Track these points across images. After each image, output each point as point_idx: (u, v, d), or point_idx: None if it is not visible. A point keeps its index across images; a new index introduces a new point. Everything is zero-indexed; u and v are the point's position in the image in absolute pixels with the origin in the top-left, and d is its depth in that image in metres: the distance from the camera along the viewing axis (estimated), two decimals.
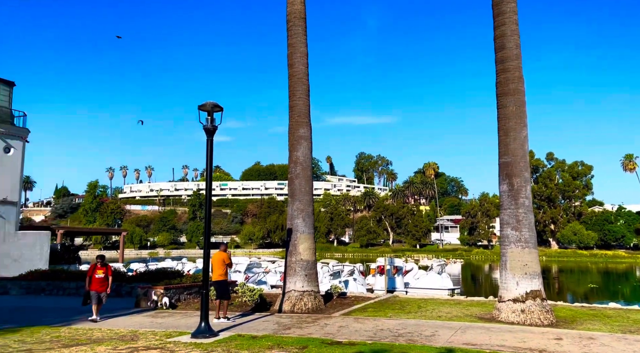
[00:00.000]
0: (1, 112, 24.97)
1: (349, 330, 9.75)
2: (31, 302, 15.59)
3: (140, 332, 9.73)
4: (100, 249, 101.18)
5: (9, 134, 24.97)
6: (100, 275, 11.66)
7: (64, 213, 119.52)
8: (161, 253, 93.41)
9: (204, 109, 10.21)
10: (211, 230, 13.84)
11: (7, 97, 25.52)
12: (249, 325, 10.62)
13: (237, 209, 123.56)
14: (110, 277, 11.83)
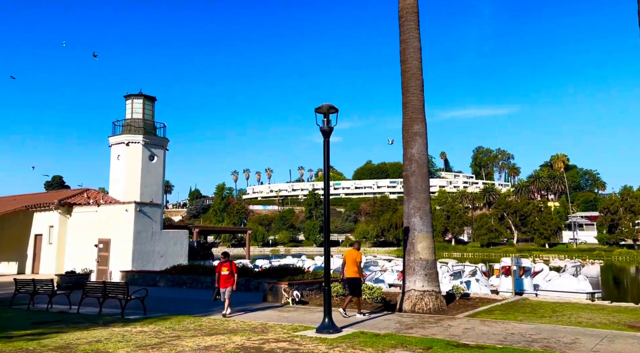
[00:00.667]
0: (146, 124, 28.41)
1: (475, 333, 9.32)
2: (175, 294, 17.50)
3: (269, 325, 10.37)
4: (228, 246, 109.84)
5: (152, 144, 28.32)
6: (225, 272, 11.86)
7: (197, 213, 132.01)
8: (282, 251, 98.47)
9: (321, 112, 10.52)
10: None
11: (151, 111, 28.99)
12: (371, 323, 10.70)
13: (350, 208, 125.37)
14: (235, 274, 11.97)
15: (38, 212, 27.99)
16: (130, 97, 28.70)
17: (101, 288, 12.87)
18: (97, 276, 23.87)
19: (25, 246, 28.43)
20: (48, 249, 27.18)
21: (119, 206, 25.45)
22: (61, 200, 27.08)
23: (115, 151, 28.44)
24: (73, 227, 26.92)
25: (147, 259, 24.73)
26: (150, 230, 25.15)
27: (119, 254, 24.41)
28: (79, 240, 26.31)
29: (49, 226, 27.33)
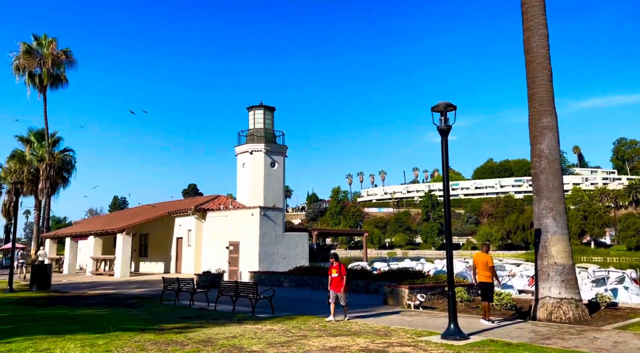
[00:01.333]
0: (267, 133, 30.21)
1: (628, 347, 8.22)
2: (299, 294, 18.24)
3: (392, 329, 10.27)
4: (345, 248, 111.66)
5: (273, 152, 30.02)
6: (334, 275, 11.50)
7: (315, 216, 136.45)
8: (399, 253, 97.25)
9: (437, 110, 10.19)
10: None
11: (271, 120, 30.80)
12: (501, 331, 10.03)
13: (470, 209, 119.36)
14: (344, 277, 11.50)
15: (178, 217, 31.27)
16: (252, 108, 30.75)
17: (234, 288, 13.92)
18: (229, 276, 25.89)
19: (169, 248, 31.93)
20: (187, 250, 30.20)
21: (246, 210, 27.34)
22: (197, 206, 29.92)
23: (241, 160, 30.67)
24: (207, 231, 29.55)
25: (272, 260, 26.19)
26: (274, 232, 26.59)
27: (247, 255, 26.20)
28: (212, 243, 28.82)
29: (188, 230, 30.36)
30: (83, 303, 15.00)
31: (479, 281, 11.56)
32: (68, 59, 40.44)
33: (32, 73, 39.35)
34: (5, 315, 11.60)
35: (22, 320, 10.50)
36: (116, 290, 20.27)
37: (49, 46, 39.69)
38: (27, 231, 78.33)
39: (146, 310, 13.18)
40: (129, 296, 17.53)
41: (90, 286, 22.60)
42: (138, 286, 22.07)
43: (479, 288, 11.93)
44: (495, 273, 11.67)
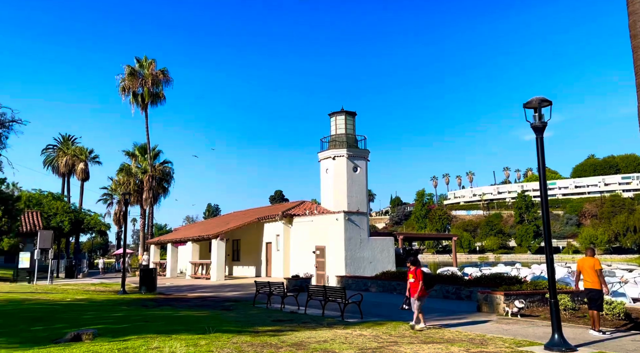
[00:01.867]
0: (348, 138, 30.40)
1: None
2: (387, 299, 18.04)
3: (488, 337, 9.79)
4: (433, 253, 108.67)
5: (355, 156, 30.11)
6: (411, 280, 11.12)
7: (399, 220, 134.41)
8: (491, 258, 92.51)
9: (530, 106, 9.60)
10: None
11: (352, 125, 30.96)
12: (614, 343, 9.15)
13: (570, 210, 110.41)
14: (421, 281, 10.97)
15: (267, 223, 32.47)
16: (334, 114, 31.13)
17: (322, 292, 14.13)
18: (316, 280, 26.34)
19: (259, 252, 33.25)
20: (276, 255, 31.23)
21: (330, 215, 27.68)
22: (283, 212, 30.87)
23: (324, 165, 31.14)
24: (294, 235, 30.35)
25: (358, 265, 26.20)
26: (359, 237, 26.61)
27: (334, 260, 26.48)
28: (299, 247, 29.52)
29: (276, 235, 31.40)
30: (185, 305, 16.10)
31: (585, 288, 10.64)
32: (165, 78, 43.94)
33: (135, 93, 43.30)
34: (120, 315, 12.80)
35: (135, 320, 11.51)
36: (213, 293, 21.48)
37: (149, 66, 43.44)
38: (135, 238, 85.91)
39: (241, 313, 13.81)
40: (225, 299, 18.49)
41: (190, 289, 24.19)
42: (232, 290, 23.22)
43: (585, 295, 11.02)
44: (603, 279, 10.66)
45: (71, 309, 13.63)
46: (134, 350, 7.24)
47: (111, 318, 12.05)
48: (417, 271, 11.08)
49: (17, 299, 15.57)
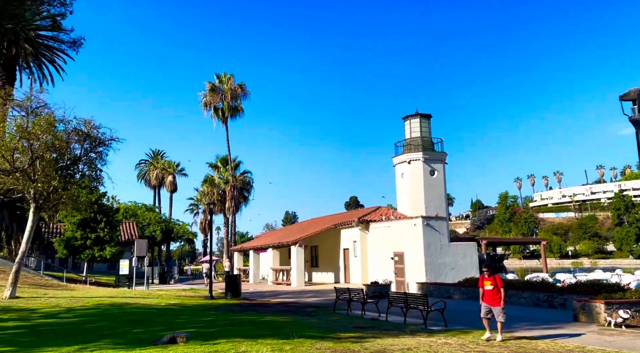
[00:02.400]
0: (424, 141, 29.79)
1: None
2: (471, 307, 17.30)
3: (589, 349, 9.07)
4: (519, 258, 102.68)
5: (431, 160, 29.42)
6: (488, 287, 10.43)
7: (481, 224, 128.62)
8: (586, 263, 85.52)
9: (628, 98, 8.81)
10: None
11: (427, 128, 30.33)
12: None
13: None
14: (501, 289, 10.32)
15: (343, 229, 32.62)
16: (408, 118, 30.68)
17: (403, 299, 13.90)
18: (396, 286, 25.95)
19: (337, 258, 33.45)
20: (354, 261, 31.24)
21: (408, 221, 27.19)
22: (360, 218, 30.84)
23: (399, 170, 30.73)
24: (371, 241, 30.18)
25: (439, 271, 25.45)
26: (439, 242, 25.86)
27: (413, 266, 25.95)
28: (377, 253, 29.29)
29: (353, 241, 31.43)
30: (268, 310, 16.60)
31: None
32: (243, 92, 46.00)
33: (216, 107, 45.72)
34: (209, 319, 13.48)
35: (223, 324, 12.08)
36: (294, 299, 21.94)
37: (228, 81, 45.73)
38: (219, 245, 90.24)
39: (322, 319, 13.96)
40: (306, 305, 18.80)
41: (272, 294, 24.91)
42: (312, 296, 23.55)
43: None
44: None
45: (166, 313, 14.60)
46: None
47: (201, 322, 12.73)
48: (496, 278, 10.48)
49: (120, 303, 16.97)
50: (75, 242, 31.75)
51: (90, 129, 18.25)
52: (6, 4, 9.18)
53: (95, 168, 19.07)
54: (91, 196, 21.92)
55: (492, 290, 10.37)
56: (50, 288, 22.74)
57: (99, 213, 31.51)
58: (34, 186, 17.09)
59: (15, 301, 15.84)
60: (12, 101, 18.36)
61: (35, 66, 30.72)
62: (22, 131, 16.67)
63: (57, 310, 14.14)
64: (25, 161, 17.08)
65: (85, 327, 10.92)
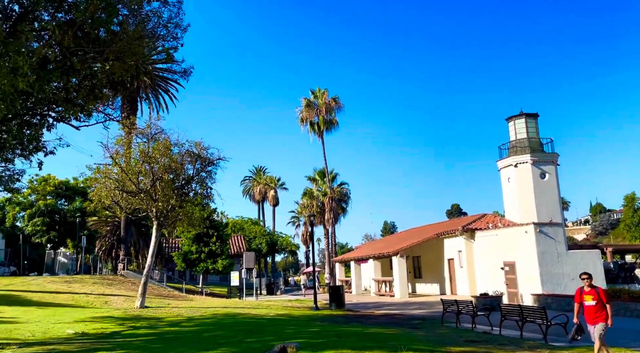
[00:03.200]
0: (531, 142, 27.77)
1: None
2: None
3: None
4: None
5: (541, 162, 27.29)
6: (590, 302, 8.60)
7: (604, 230, 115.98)
8: None
9: None
10: None
11: (534, 128, 28.25)
12: None
13: None
14: (607, 304, 8.55)
15: (447, 238, 31.43)
16: (512, 118, 28.87)
17: (518, 312, 12.98)
18: (508, 298, 24.31)
19: (442, 269, 32.27)
20: (460, 272, 29.89)
21: (517, 228, 25.42)
22: (464, 226, 29.50)
23: (505, 174, 28.93)
24: (478, 251, 28.66)
25: (557, 282, 23.37)
26: (555, 251, 23.80)
27: (526, 277, 24.13)
28: (485, 263, 27.73)
29: (458, 251, 30.12)
30: (373, 322, 16.49)
31: None
32: (337, 105, 46.90)
33: (312, 122, 47.07)
34: (316, 330, 13.75)
35: (329, 335, 12.23)
36: (398, 311, 21.56)
37: (322, 96, 46.94)
38: (320, 257, 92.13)
39: (430, 332, 13.52)
40: (411, 317, 18.37)
41: (375, 306, 24.72)
42: (417, 308, 22.95)
43: None
44: None
45: (275, 323, 15.17)
46: None
47: (308, 332, 13.02)
48: (599, 291, 8.63)
49: (233, 313, 18.00)
50: (191, 256, 34.46)
51: (200, 151, 19.81)
52: (129, 43, 10.36)
53: (206, 186, 20.61)
54: (203, 213, 23.67)
55: (595, 306, 8.52)
56: (172, 298, 24.84)
57: (210, 228, 33.91)
58: (156, 205, 18.91)
59: (145, 310, 17.53)
60: (136, 130, 20.59)
61: (153, 96, 34.29)
62: (144, 155, 18.61)
63: (179, 319, 15.39)
64: (147, 182, 18.99)
65: (204, 336, 11.73)
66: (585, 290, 8.73)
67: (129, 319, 14.65)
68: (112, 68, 11.32)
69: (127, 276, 31.46)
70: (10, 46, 8.10)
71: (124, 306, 18.78)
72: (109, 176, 19.24)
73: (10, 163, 11.76)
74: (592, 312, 8.55)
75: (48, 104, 11.10)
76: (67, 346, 9.26)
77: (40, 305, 17.55)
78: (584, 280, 8.79)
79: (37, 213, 46.02)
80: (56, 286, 23.19)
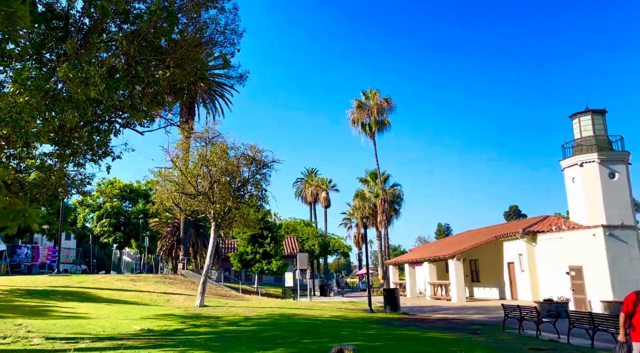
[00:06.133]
0: (598, 140, 26.17)
1: None
2: None
3: None
4: None
5: (609, 160, 25.65)
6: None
7: None
8: None
9: None
10: None
11: (602, 125, 26.60)
12: None
13: None
14: None
15: (506, 241, 30.21)
16: (576, 115, 27.34)
17: (588, 319, 12.23)
18: (574, 304, 23.01)
19: (501, 273, 31.04)
20: (521, 276, 28.61)
21: (584, 231, 24.01)
22: (525, 229, 28.24)
23: (569, 174, 27.45)
24: (540, 254, 27.34)
25: (629, 288, 21.57)
26: (628, 255, 22.26)
27: (594, 282, 22.73)
28: (548, 267, 26.40)
29: (518, 254, 28.87)
30: (430, 326, 16.10)
31: None
32: (389, 106, 46.40)
33: (364, 123, 46.85)
34: (372, 333, 13.61)
35: (386, 338, 12.07)
36: (456, 315, 20.94)
37: (374, 97, 46.61)
38: (372, 259, 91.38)
39: (491, 338, 13.01)
40: (470, 322, 17.78)
41: (431, 310, 24.16)
42: (476, 312, 22.20)
43: None
44: None
45: (330, 325, 15.17)
46: None
47: (365, 335, 12.90)
48: None
49: (288, 314, 18.20)
50: (246, 256, 35.24)
51: (255, 153, 20.21)
52: (189, 50, 10.75)
53: (260, 188, 21.00)
54: (258, 214, 24.13)
55: None
56: (230, 298, 25.50)
57: (265, 230, 34.54)
58: (214, 207, 19.48)
59: (204, 309, 18.10)
60: (194, 134, 21.34)
61: (210, 101, 35.44)
62: (202, 159, 19.24)
63: (237, 319, 15.75)
64: (205, 185, 19.61)
65: (261, 336, 11.91)
66: (630, 299, 6.55)
67: (190, 317, 15.16)
68: (172, 75, 11.79)
69: (187, 275, 32.64)
70: (83, 56, 8.62)
71: (184, 304, 19.48)
72: (170, 179, 20.05)
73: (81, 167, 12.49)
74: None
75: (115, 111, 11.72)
76: (135, 341, 9.70)
77: (109, 302, 18.56)
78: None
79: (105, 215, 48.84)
80: (122, 284, 24.44)
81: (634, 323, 6.35)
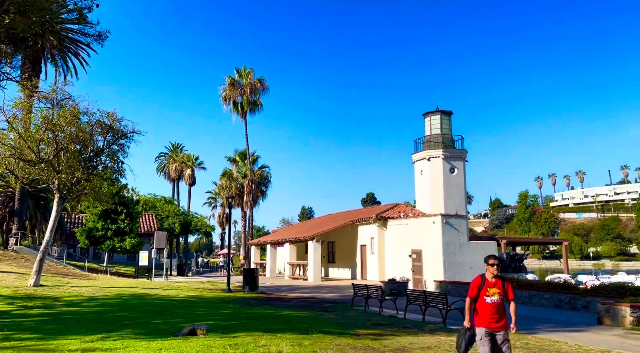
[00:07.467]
0: (444, 138, 29.42)
1: None
2: None
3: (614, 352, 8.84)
4: (539, 258, 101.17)
5: (451, 157, 29.05)
6: (493, 298, 6.01)
7: (500, 223, 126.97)
8: (608, 265, 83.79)
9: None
10: None
11: (448, 125, 29.94)
12: None
13: None
14: (512, 302, 6.19)
15: (361, 225, 32.51)
16: (428, 114, 30.31)
17: (422, 297, 13.77)
18: (413, 284, 25.77)
19: (354, 254, 33.37)
20: (371, 258, 31.12)
21: (426, 218, 26.94)
22: (377, 215, 30.67)
23: (418, 167, 30.43)
24: (389, 238, 30.01)
25: (457, 270, 25.17)
26: (458, 241, 25.57)
27: (431, 264, 25.72)
28: (395, 250, 29.12)
29: (370, 238, 31.30)
30: (286, 305, 16.64)
31: None
32: (262, 87, 46.04)
33: (235, 102, 45.88)
34: (228, 312, 13.57)
35: (241, 317, 12.14)
36: (311, 294, 21.96)
37: (248, 76, 45.81)
38: (236, 239, 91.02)
39: (340, 315, 13.93)
40: (323, 300, 18.80)
41: (289, 289, 24.98)
42: (329, 291, 23.54)
43: None
44: None
45: (185, 305, 14.74)
46: (244, 347, 7.61)
47: (220, 315, 12.81)
48: (506, 286, 6.06)
49: (140, 294, 17.20)
50: (96, 233, 32.33)
51: (112, 122, 18.49)
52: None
53: (117, 160, 19.33)
54: (112, 188, 22.21)
55: (498, 303, 5.98)
56: (73, 277, 23.20)
57: (119, 205, 32.00)
58: (58, 176, 17.41)
59: (40, 289, 16.19)
60: (38, 93, 18.69)
61: (60, 58, 31.26)
62: (47, 122, 16.97)
63: (79, 299, 14.40)
64: (50, 152, 17.39)
65: (107, 317, 11.08)
66: (489, 281, 6.08)
67: (21, 298, 13.44)
68: (13, 22, 10.11)
69: (20, 251, 28.82)
70: None
71: (14, 284, 17.19)
72: (4, 141, 17.34)
73: None
74: (494, 311, 5.97)
75: None
76: None
77: None
78: (492, 266, 6.11)
79: None
80: None
81: (478, 308, 6.05)
